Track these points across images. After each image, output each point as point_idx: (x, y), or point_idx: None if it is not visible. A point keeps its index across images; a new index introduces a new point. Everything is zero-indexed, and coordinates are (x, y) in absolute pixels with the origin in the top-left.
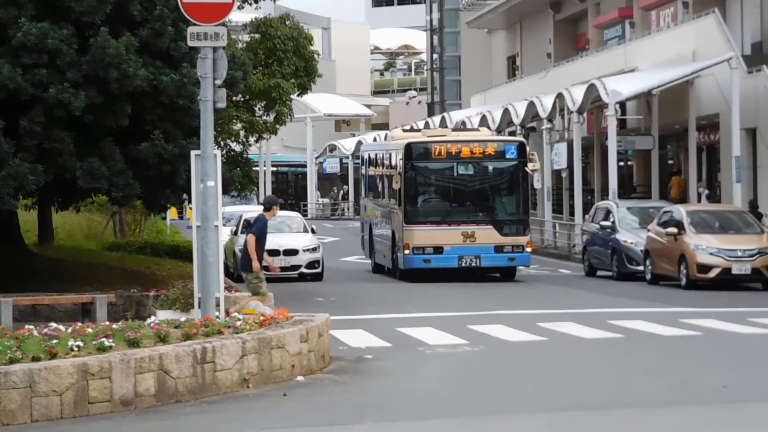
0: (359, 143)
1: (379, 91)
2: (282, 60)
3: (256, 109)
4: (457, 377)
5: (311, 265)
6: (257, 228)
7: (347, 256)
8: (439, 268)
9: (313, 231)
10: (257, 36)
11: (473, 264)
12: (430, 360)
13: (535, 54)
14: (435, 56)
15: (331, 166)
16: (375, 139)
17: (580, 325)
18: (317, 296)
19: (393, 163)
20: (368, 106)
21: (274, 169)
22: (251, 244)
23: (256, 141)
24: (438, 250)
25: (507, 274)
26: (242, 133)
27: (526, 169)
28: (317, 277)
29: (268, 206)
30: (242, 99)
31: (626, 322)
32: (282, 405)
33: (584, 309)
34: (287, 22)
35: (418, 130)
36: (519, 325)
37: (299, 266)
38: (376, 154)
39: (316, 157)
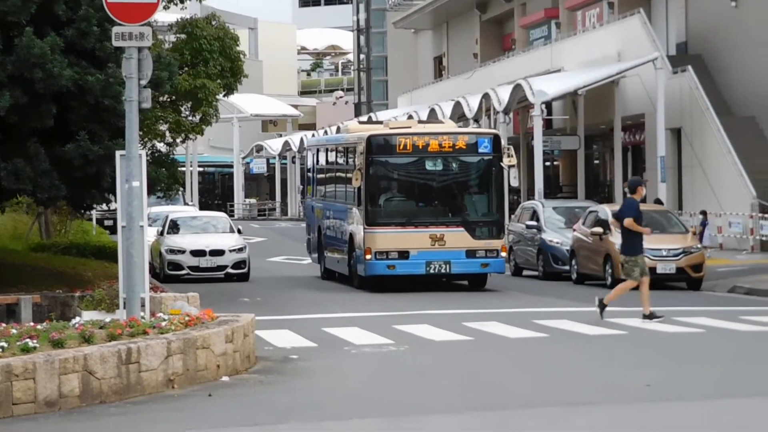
0: (302, 140)
1: (306, 91)
2: (208, 60)
3: (183, 109)
4: (382, 377)
5: (237, 265)
6: (633, 212)
7: (274, 256)
8: (404, 275)
9: (239, 231)
10: (183, 36)
11: (442, 270)
12: (355, 360)
13: (461, 54)
14: (362, 56)
15: (258, 166)
16: (326, 132)
17: (505, 324)
18: (243, 296)
19: (350, 158)
20: (295, 107)
21: (201, 169)
22: (634, 227)
23: (183, 141)
24: (403, 254)
25: (477, 282)
26: (168, 133)
27: (501, 164)
28: (244, 278)
29: (632, 188)
30: (168, 99)
31: (551, 321)
32: (207, 405)
33: (510, 309)
34: (213, 23)
35: (379, 122)
36: (444, 324)
37: (225, 266)
38: (327, 149)
39: (243, 158)
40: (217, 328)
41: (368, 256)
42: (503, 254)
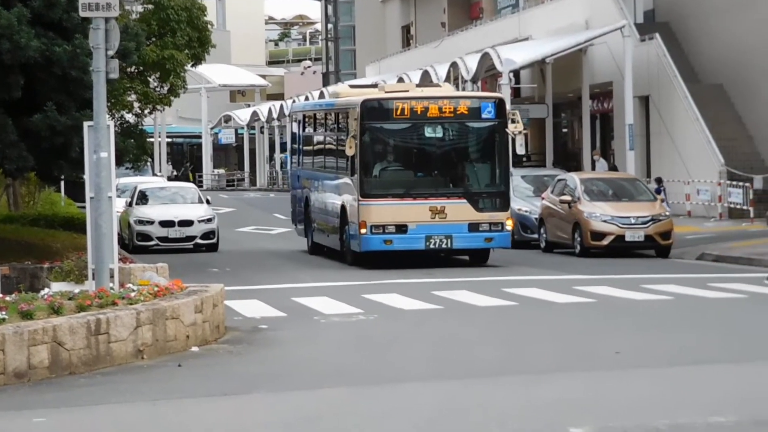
0: (282, 106)
1: (273, 61)
2: (176, 31)
3: (150, 80)
4: (351, 346)
5: (206, 235)
6: None
7: (243, 226)
8: (402, 250)
9: (208, 202)
10: (150, 7)
11: (443, 245)
12: (325, 329)
13: (429, 23)
14: (330, 26)
15: (227, 136)
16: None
17: (474, 293)
18: (212, 267)
19: (342, 124)
20: (263, 77)
21: (169, 140)
22: None
23: (151, 112)
24: (401, 228)
25: (479, 257)
26: (136, 104)
27: (506, 130)
28: (213, 248)
29: None
30: (136, 70)
31: (521, 289)
32: (176, 376)
33: (479, 277)
34: None
35: (373, 86)
36: (414, 293)
37: (194, 237)
38: (315, 115)
39: (212, 128)
40: (186, 298)
41: (363, 231)
42: (509, 228)
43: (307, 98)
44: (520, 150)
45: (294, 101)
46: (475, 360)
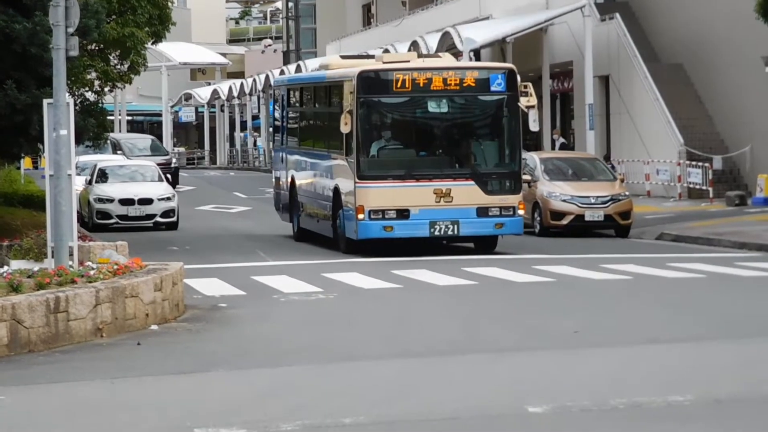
0: (268, 76)
1: (234, 39)
2: (136, 8)
3: (111, 57)
4: (311, 325)
5: (166, 214)
6: None
7: (204, 204)
8: (403, 237)
9: (168, 180)
10: None
11: (449, 231)
12: (284, 308)
13: (390, 2)
14: (290, 4)
15: (187, 114)
16: (255, 81)
17: (434, 272)
18: (172, 245)
19: (335, 99)
20: (224, 55)
21: (130, 118)
22: None
23: (111, 90)
24: (403, 213)
25: (485, 245)
26: (96, 82)
27: (518, 104)
28: (172, 226)
29: None
30: (96, 48)
31: (480, 269)
32: (135, 354)
33: (438, 256)
34: None
35: (369, 56)
36: (373, 272)
37: (154, 215)
38: (302, 89)
39: (172, 106)
40: (146, 276)
41: (360, 216)
42: (521, 212)
43: (255, 81)
44: (534, 126)
45: (254, 80)
46: (433, 338)
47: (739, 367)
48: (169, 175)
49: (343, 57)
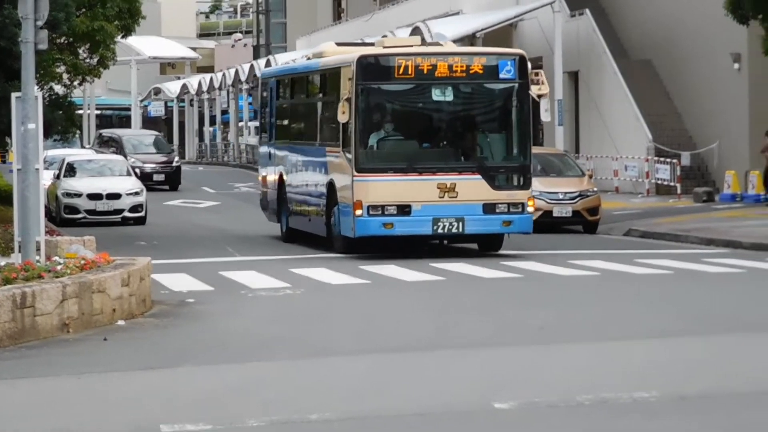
0: (252, 66)
1: (204, 33)
2: (105, 2)
3: (80, 51)
4: (279, 320)
5: (134, 209)
6: None
7: (172, 199)
8: (405, 235)
9: (136, 175)
10: None
11: (454, 229)
12: (252, 303)
13: None
14: None
15: (156, 109)
16: (224, 76)
17: (402, 268)
18: (140, 240)
19: (331, 88)
20: (194, 49)
21: (99, 112)
22: None
23: (80, 84)
24: (404, 209)
25: (490, 244)
26: (65, 75)
27: (529, 93)
28: (141, 221)
29: None
30: (65, 41)
31: (448, 264)
32: (102, 349)
33: (407, 252)
34: None
35: (369, 44)
36: (341, 268)
37: (122, 210)
38: (293, 80)
39: (141, 101)
40: (113, 271)
41: (359, 212)
42: (530, 209)
43: (224, 76)
44: (546, 117)
45: (224, 74)
46: (402, 334)
47: (707, 363)
48: (164, 175)
49: (338, 44)
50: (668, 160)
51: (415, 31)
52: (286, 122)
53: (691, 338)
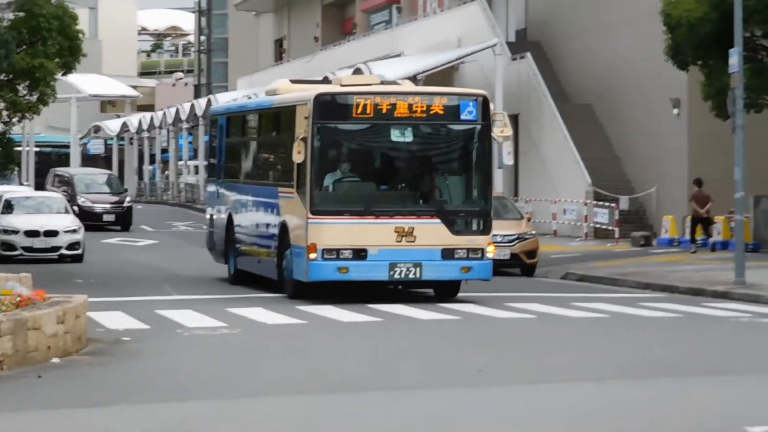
0: (210, 100)
1: (145, 72)
2: (46, 39)
3: (20, 88)
4: (214, 359)
5: (72, 246)
6: None
7: (110, 237)
8: (360, 280)
9: (74, 212)
10: (21, 14)
11: (411, 275)
12: (188, 342)
13: (302, 38)
14: (203, 38)
15: (96, 147)
16: (165, 115)
17: (339, 308)
18: (77, 278)
19: (285, 126)
20: (134, 87)
21: (38, 149)
22: None
23: (19, 121)
24: (360, 254)
25: (447, 291)
26: (5, 112)
27: (492, 135)
28: (78, 259)
29: None
30: (5, 78)
31: (385, 305)
32: (36, 387)
33: (345, 293)
34: (52, 1)
35: (325, 81)
36: (279, 308)
37: (60, 247)
38: (245, 117)
39: (81, 138)
40: (49, 309)
41: (313, 255)
42: (490, 254)
43: (165, 115)
44: (508, 160)
45: (164, 113)
46: (338, 375)
47: (641, 407)
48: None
49: (293, 81)
50: (607, 204)
51: (357, 72)
52: (236, 160)
53: (626, 382)
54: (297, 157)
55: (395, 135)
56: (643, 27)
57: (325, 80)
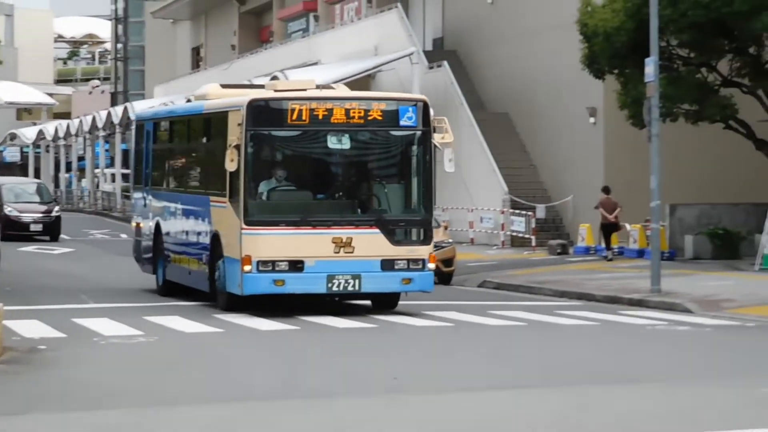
0: (126, 108)
1: (62, 79)
2: None
3: None
4: (131, 368)
5: None
6: None
7: (26, 245)
8: (297, 293)
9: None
10: None
11: (350, 287)
12: (104, 351)
13: (219, 45)
14: (119, 46)
15: (12, 154)
16: (81, 122)
17: (257, 317)
18: None
19: (216, 133)
20: (51, 95)
21: None
22: None
23: None
24: (296, 265)
25: (385, 303)
26: None
27: (433, 141)
28: None
29: None
30: None
31: (305, 315)
32: None
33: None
34: None
35: (258, 86)
36: (195, 316)
37: None
38: (173, 123)
39: None
40: None
41: (247, 267)
42: (431, 265)
43: (81, 122)
44: (450, 167)
45: (81, 121)
46: (254, 383)
47: (557, 415)
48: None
49: (223, 86)
50: (523, 212)
51: (273, 80)
52: (164, 168)
53: (542, 390)
54: (230, 165)
55: (332, 142)
56: (560, 36)
57: (253, 85)
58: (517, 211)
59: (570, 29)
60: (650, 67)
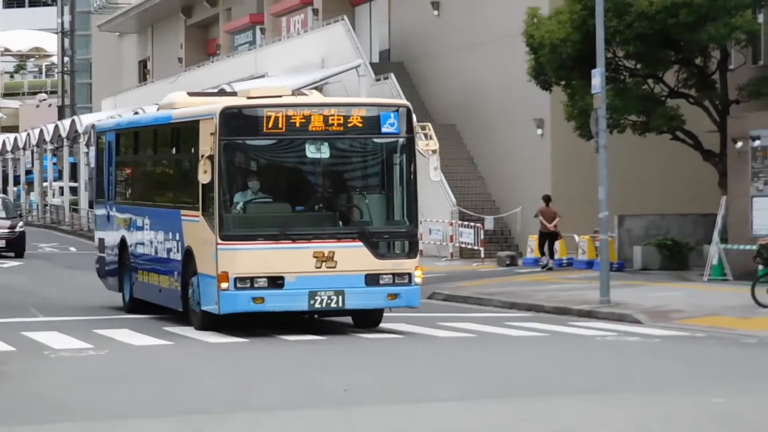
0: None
1: (9, 93)
2: None
3: None
4: (81, 381)
5: None
6: None
7: None
8: (277, 311)
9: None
10: None
11: (333, 304)
12: (54, 364)
13: (166, 58)
14: (66, 59)
15: None
16: (29, 133)
17: (206, 330)
18: None
19: (185, 143)
20: None
21: None
22: None
23: None
24: (276, 282)
25: (368, 320)
26: None
27: (416, 149)
28: None
29: None
30: None
31: (252, 328)
32: None
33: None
34: None
35: (231, 93)
36: (144, 329)
37: None
38: (138, 134)
39: None
40: None
41: (224, 285)
42: (418, 279)
43: (29, 133)
44: (435, 176)
45: (28, 134)
46: (204, 396)
47: (505, 427)
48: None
49: (190, 94)
50: (472, 224)
51: (221, 92)
52: (129, 181)
53: (491, 402)
54: (203, 177)
55: (311, 151)
56: (506, 48)
57: (221, 92)
58: (466, 223)
59: (516, 41)
60: (597, 79)
